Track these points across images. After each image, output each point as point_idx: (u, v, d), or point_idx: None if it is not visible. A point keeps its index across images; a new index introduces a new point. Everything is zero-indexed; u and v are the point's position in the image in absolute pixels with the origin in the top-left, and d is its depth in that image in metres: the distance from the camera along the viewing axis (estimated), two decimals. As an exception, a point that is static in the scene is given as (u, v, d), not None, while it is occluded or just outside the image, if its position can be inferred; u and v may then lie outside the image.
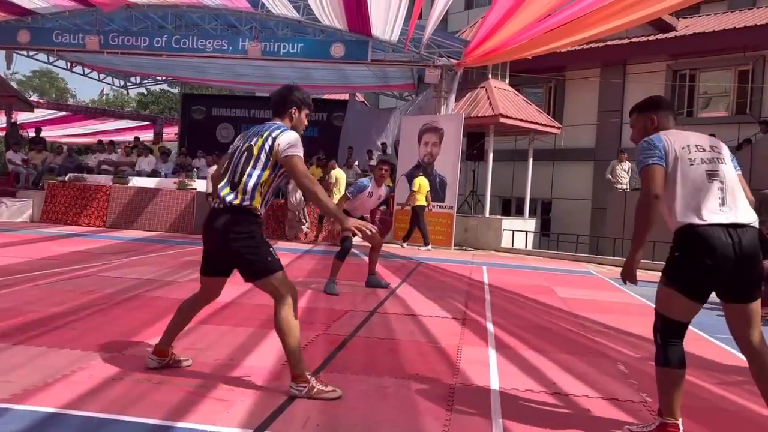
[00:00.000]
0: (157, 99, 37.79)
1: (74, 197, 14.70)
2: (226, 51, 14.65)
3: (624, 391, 3.77)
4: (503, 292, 7.66)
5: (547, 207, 19.27)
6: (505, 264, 11.38)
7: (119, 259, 8.72)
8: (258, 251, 3.32)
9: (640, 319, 6.32)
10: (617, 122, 17.78)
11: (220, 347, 4.22)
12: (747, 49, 15.88)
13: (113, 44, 14.92)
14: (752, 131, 15.02)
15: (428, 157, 14.15)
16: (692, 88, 17.06)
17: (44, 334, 4.27)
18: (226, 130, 20.50)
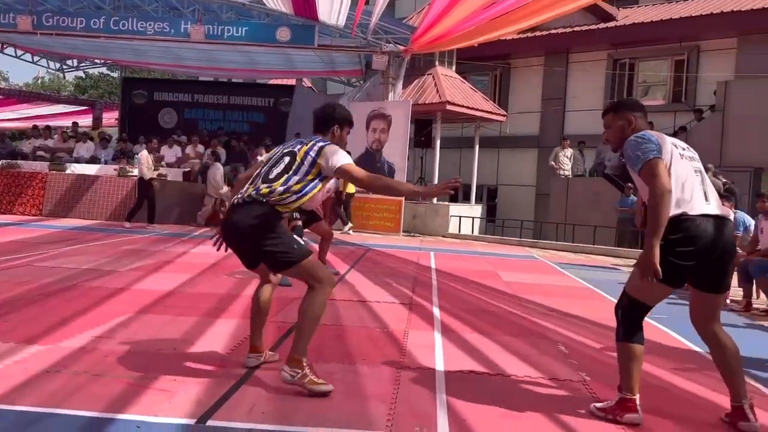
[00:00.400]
0: (96, 83, 36.55)
1: (7, 185, 14.09)
2: (167, 34, 14.23)
3: (564, 370, 3.87)
4: (450, 277, 7.75)
5: (493, 193, 19.55)
6: (452, 249, 11.50)
7: (56, 249, 8.42)
8: (281, 241, 3.22)
9: (581, 302, 6.49)
10: (560, 110, 18.14)
11: (162, 337, 4.13)
12: (683, 39, 16.40)
13: (47, 25, 14.30)
14: (687, 119, 15.56)
15: (376, 144, 14.16)
16: (631, 77, 17.53)
17: (-25, 327, 4.10)
18: (169, 114, 19.97)
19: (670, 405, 3.35)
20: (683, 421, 3.10)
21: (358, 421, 2.84)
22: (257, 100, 19.75)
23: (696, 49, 16.37)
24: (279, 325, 4.63)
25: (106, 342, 3.91)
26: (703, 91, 16.03)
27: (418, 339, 4.45)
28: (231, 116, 19.72)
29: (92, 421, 2.68)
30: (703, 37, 16.19)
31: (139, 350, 3.77)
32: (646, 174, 2.86)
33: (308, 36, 14.02)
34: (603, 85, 17.54)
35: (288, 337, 4.33)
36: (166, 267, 7.28)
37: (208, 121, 19.64)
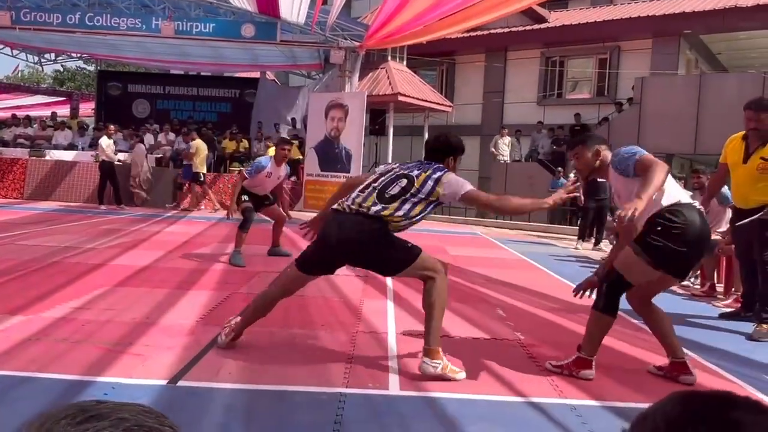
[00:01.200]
0: (73, 76, 35.11)
1: (-11, 170, 13.51)
2: (139, 29, 13.73)
3: (502, 331, 3.94)
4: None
5: (440, 176, 19.62)
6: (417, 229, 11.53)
7: (37, 229, 8.12)
8: (394, 245, 3.02)
9: (517, 272, 6.61)
10: (499, 102, 18.28)
11: (137, 307, 4.03)
12: (606, 40, 16.68)
13: (25, 20, 13.63)
14: (610, 111, 15.89)
15: (334, 131, 14.01)
16: (561, 73, 17.76)
17: (-43, 302, 3.93)
18: (142, 105, 19.33)
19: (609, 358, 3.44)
20: (621, 370, 3.20)
21: (318, 380, 2.84)
22: (224, 92, 19.32)
23: (617, 48, 16.68)
24: (245, 295, 4.57)
25: (84, 312, 3.80)
26: (623, 86, 16.37)
27: (372, 307, 4.47)
28: (200, 107, 19.24)
29: (70, 384, 2.61)
30: (623, 38, 16.50)
31: (116, 319, 3.68)
32: (642, 164, 2.78)
33: (271, 32, 13.73)
34: (537, 79, 17.73)
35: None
36: (141, 245, 7.11)
37: (179, 111, 19.10)
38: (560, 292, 5.44)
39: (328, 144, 13.97)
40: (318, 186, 13.96)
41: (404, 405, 2.60)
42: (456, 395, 2.72)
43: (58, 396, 2.47)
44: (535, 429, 2.43)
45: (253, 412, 2.48)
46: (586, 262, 7.93)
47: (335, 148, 13.89)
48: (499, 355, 3.38)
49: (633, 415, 2.08)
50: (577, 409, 2.62)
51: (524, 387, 2.87)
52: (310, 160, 14.08)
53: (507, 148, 15.59)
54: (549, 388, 2.89)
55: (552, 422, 2.48)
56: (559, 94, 17.76)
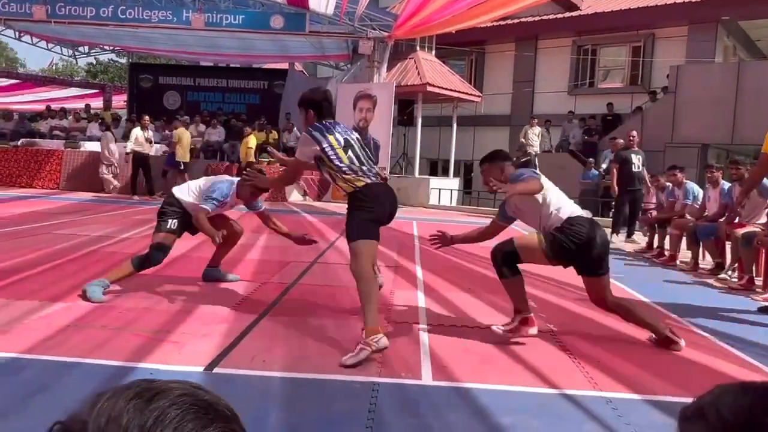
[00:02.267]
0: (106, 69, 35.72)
1: (27, 161, 13.87)
2: (170, 21, 13.92)
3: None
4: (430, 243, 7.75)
5: (469, 168, 19.54)
6: (432, 219, 11.54)
7: (73, 218, 8.33)
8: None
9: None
10: (529, 92, 18.06)
11: (173, 296, 4.11)
12: (640, 27, 16.32)
13: (60, 14, 13.92)
14: (643, 100, 15.57)
15: (363, 122, 14.02)
16: (593, 62, 17.45)
17: (1, 288, 4.05)
18: (173, 97, 19.62)
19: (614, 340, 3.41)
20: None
21: (351, 368, 2.87)
22: (253, 83, 19.47)
23: (651, 36, 16.32)
24: (276, 285, 4.63)
25: (122, 300, 3.90)
26: (657, 74, 16.01)
27: (402, 297, 4.48)
28: (229, 98, 19.43)
29: (111, 369, 2.68)
30: (658, 25, 16.13)
31: (153, 308, 3.76)
32: (532, 182, 3.41)
33: (300, 23, 13.78)
34: (568, 68, 17.46)
35: (285, 294, 4.33)
36: (174, 234, 7.22)
37: (208, 103, 19.33)
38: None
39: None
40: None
41: (437, 395, 2.61)
42: (489, 386, 2.72)
43: (101, 381, 2.54)
44: (570, 421, 2.42)
45: (288, 400, 2.52)
46: (619, 254, 7.82)
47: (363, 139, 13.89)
48: (532, 346, 3.37)
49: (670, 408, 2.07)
50: (612, 402, 2.60)
51: (558, 379, 2.85)
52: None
53: (537, 139, 15.41)
54: (583, 380, 2.87)
55: (587, 414, 2.47)
56: (590, 83, 17.47)
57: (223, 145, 15.17)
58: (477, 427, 2.32)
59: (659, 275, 6.28)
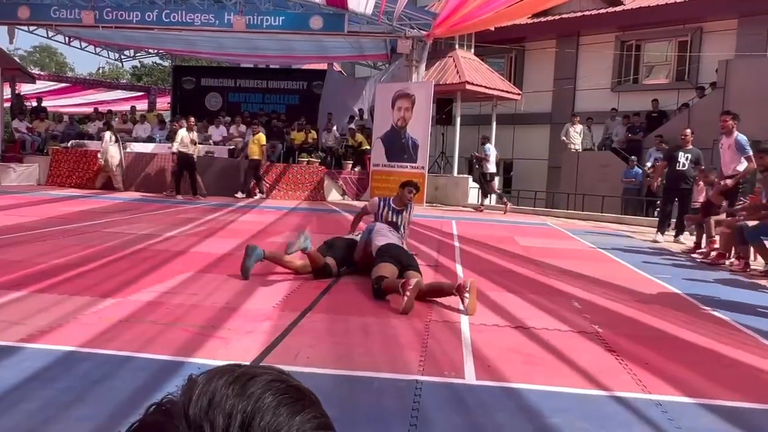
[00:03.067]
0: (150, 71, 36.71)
1: (77, 162, 14.34)
2: (212, 24, 14.18)
3: (580, 323, 3.85)
4: (470, 242, 7.73)
5: (509, 166, 19.35)
6: (471, 218, 11.46)
7: (120, 217, 8.57)
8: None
9: (591, 264, 6.43)
10: (571, 89, 17.76)
11: (218, 293, 4.20)
12: (686, 21, 15.85)
13: (107, 19, 14.34)
14: (690, 96, 15.13)
15: (401, 121, 14.02)
16: (638, 57, 17.04)
17: (55, 283, 4.21)
18: (215, 98, 20.01)
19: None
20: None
21: (394, 366, 2.88)
22: (292, 84, 19.70)
23: (699, 30, 15.82)
24: (318, 283, 4.67)
25: (170, 296, 3.99)
26: (705, 69, 15.52)
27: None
28: (270, 99, 19.70)
29: (162, 364, 2.76)
30: (706, 19, 15.63)
31: (200, 304, 3.84)
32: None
33: (338, 23, 13.86)
34: (611, 65, 17.09)
35: (327, 293, 4.36)
36: (217, 233, 7.38)
37: (249, 104, 19.64)
38: (636, 285, 5.27)
39: (394, 134, 14.00)
40: (384, 176, 14.01)
41: (482, 394, 2.60)
42: (535, 386, 2.69)
43: (152, 375, 2.62)
44: (618, 424, 2.37)
45: (333, 397, 2.54)
46: (665, 254, 7.62)
47: (402, 138, 13.91)
48: (578, 348, 3.32)
49: (723, 412, 2.02)
50: (662, 405, 2.54)
51: (606, 380, 2.80)
52: (377, 150, 14.15)
53: (578, 137, 15.16)
54: (631, 382, 2.81)
55: (637, 417, 2.42)
56: (635, 80, 17.05)
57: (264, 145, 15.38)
58: (525, 426, 2.30)
59: (707, 276, 6.10)
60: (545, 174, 18.13)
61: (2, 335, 3.03)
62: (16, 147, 15.74)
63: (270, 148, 15.07)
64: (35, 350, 2.85)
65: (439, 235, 8.37)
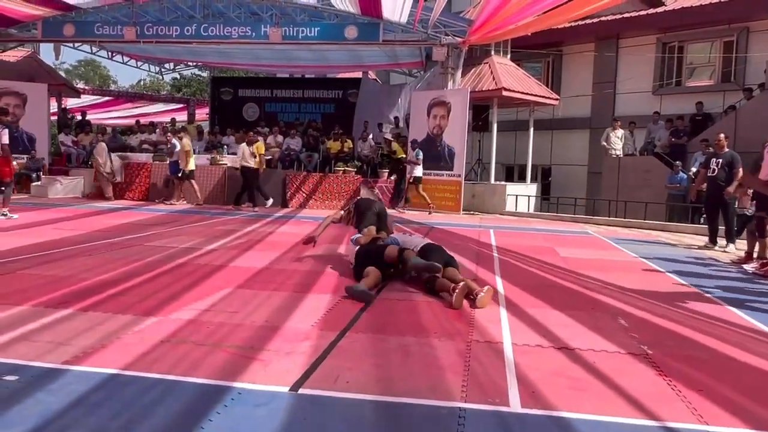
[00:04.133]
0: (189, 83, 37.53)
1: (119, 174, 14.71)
2: (249, 37, 14.39)
3: (626, 343, 3.72)
4: (510, 253, 7.60)
5: (547, 172, 19.06)
6: (510, 227, 11.28)
7: (162, 230, 8.72)
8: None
9: (637, 276, 6.24)
10: (611, 93, 17.40)
11: (258, 311, 4.20)
12: (731, 21, 15.36)
13: (148, 34, 14.72)
14: (737, 98, 14.64)
15: (437, 129, 13.97)
16: (680, 59, 16.58)
17: (98, 301, 4.27)
18: (252, 109, 20.32)
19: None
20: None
21: (435, 392, 2.81)
22: (328, 93, 19.87)
23: (746, 30, 15.30)
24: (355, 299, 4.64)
25: (210, 315, 4.01)
26: (752, 70, 15.00)
27: (485, 314, 4.37)
28: (305, 108, 19.90)
29: (203, 388, 2.75)
30: (752, 18, 15.10)
31: (240, 323, 3.85)
32: None
33: (373, 33, 13.90)
34: (652, 67, 16.67)
35: (365, 311, 4.33)
36: (256, 246, 7.42)
37: (286, 114, 19.88)
38: (683, 299, 5.07)
39: (430, 142, 13.95)
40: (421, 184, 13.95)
41: (529, 424, 2.51)
42: (585, 416, 2.58)
43: (195, 400, 2.61)
44: (674, 458, 2.25)
45: (372, 424, 2.49)
46: (713, 265, 7.35)
47: (438, 146, 13.84)
48: (627, 371, 3.19)
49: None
50: (721, 438, 2.41)
51: (658, 409, 2.68)
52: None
53: (620, 142, 14.83)
54: (686, 412, 2.68)
55: (694, 452, 2.29)
56: (677, 82, 16.60)
57: (300, 155, 15.52)
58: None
59: (761, 289, 5.83)
60: (585, 180, 17.79)
61: (48, 357, 3.08)
62: (62, 160, 16.29)
63: (306, 158, 15.20)
64: (79, 373, 2.88)
65: (477, 246, 8.25)
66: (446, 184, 13.67)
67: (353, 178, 14.27)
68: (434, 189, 13.73)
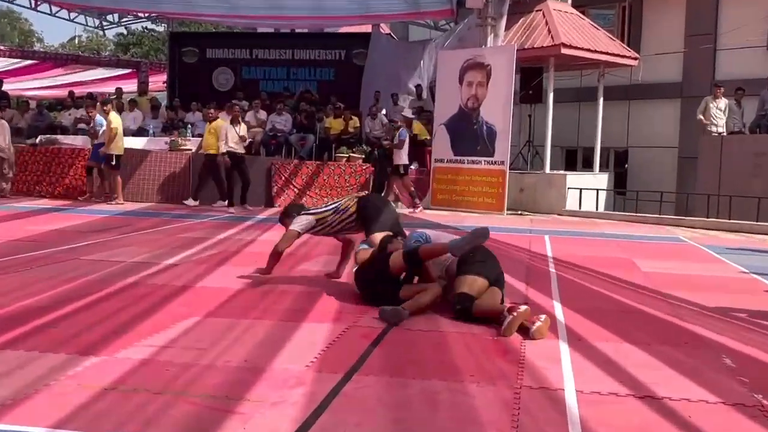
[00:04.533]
0: (140, 40, 37.92)
1: (47, 163, 14.89)
2: (221, -23, 14.53)
3: (733, 391, 3.70)
4: (572, 268, 7.59)
5: (622, 158, 19.02)
6: (572, 231, 11.27)
7: (104, 238, 8.81)
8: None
9: (747, 298, 6.21)
10: (710, 49, 17.33)
11: (234, 346, 4.22)
12: None
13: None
14: None
15: (472, 101, 13.99)
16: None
17: (20, 335, 4.32)
18: (224, 75, 20.45)
19: None
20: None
21: None
22: (326, 53, 19.96)
23: None
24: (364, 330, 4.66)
25: (169, 353, 4.05)
26: None
27: (538, 349, 4.37)
28: (297, 74, 20.02)
29: (160, 452, 2.78)
30: None
31: (208, 363, 3.87)
32: None
33: (387, -29, 13.98)
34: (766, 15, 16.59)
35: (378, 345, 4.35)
36: (232, 259, 7.49)
37: (269, 81, 20.02)
38: None
39: (463, 118, 13.99)
40: (450, 175, 14.00)
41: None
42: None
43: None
44: None
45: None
46: None
47: (473, 124, 13.88)
48: (730, 428, 3.18)
49: None
50: None
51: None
52: (440, 141, 14.15)
53: (722, 115, 14.78)
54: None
55: None
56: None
57: (290, 137, 15.58)
58: None
59: None
60: (674, 168, 17.76)
61: (-45, 409, 3.12)
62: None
63: (298, 142, 15.26)
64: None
65: (528, 257, 8.26)
66: (485, 175, 13.69)
67: (361, 168, 14.32)
68: (468, 182, 13.77)
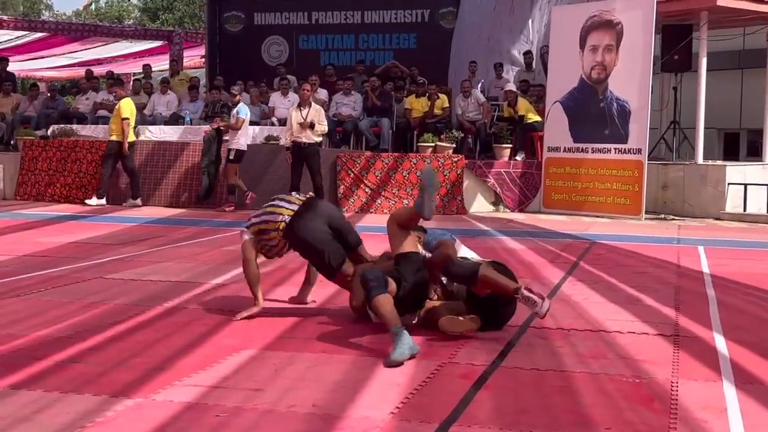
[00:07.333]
0: (171, 3, 38.23)
1: (62, 160, 15.23)
2: None
3: None
4: (736, 288, 7.44)
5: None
6: (734, 241, 11.05)
7: (133, 252, 8.99)
8: None
9: None
10: None
11: (303, 387, 4.24)
12: None
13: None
14: None
15: (598, 71, 13.84)
16: None
17: (37, 373, 4.44)
18: (277, 46, 20.64)
19: None
20: None
21: None
22: (405, 15, 19.91)
23: None
24: (463, 368, 4.65)
25: (218, 394, 4.10)
26: None
27: (696, 395, 4.28)
28: (367, 42, 20.04)
29: None
30: None
31: (266, 407, 3.90)
32: None
33: None
34: None
35: (481, 388, 4.33)
36: (292, 277, 7.52)
37: (333, 52, 20.12)
38: None
39: (586, 93, 13.86)
40: (569, 167, 13.89)
41: None
42: None
43: None
44: None
45: None
46: None
47: (599, 101, 13.73)
48: None
49: None
50: None
51: None
52: (555, 124, 14.05)
53: None
54: None
55: None
56: None
57: (360, 123, 15.65)
58: None
59: None
60: None
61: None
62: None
63: (370, 128, 15.32)
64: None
65: (676, 275, 8.12)
66: (615, 167, 13.51)
67: (451, 161, 14.29)
68: (593, 177, 13.61)
